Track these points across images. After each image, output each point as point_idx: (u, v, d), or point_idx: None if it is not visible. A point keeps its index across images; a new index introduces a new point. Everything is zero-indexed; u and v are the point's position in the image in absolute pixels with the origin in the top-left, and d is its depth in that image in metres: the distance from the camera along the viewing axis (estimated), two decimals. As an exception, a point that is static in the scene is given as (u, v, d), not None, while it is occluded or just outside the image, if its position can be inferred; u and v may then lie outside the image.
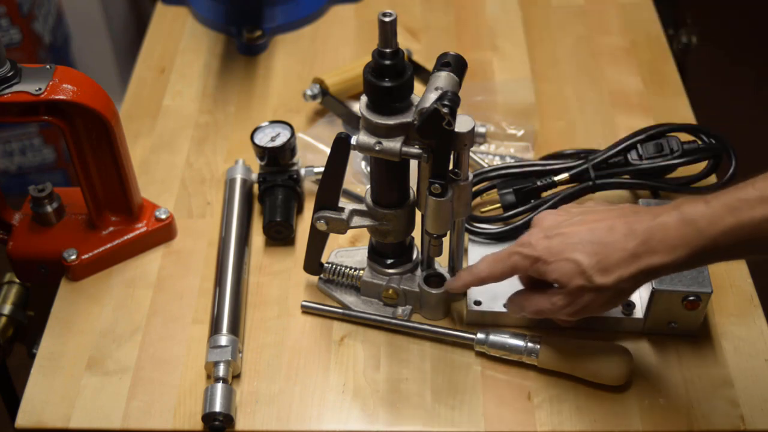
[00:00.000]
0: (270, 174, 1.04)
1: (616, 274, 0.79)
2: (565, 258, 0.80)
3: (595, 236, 0.80)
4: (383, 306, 0.95)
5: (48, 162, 2.14)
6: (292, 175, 1.04)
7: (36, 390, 0.90)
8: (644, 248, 0.78)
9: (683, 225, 0.77)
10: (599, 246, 0.79)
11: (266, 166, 1.05)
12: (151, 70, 1.28)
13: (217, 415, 0.85)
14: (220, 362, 0.88)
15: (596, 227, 0.81)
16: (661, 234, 0.77)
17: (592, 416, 0.86)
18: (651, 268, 0.78)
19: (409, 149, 0.83)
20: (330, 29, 1.35)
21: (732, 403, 0.87)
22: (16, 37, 1.94)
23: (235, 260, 0.98)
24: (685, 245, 0.76)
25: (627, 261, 0.78)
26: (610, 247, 0.79)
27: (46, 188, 1.00)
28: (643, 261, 0.78)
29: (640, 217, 0.79)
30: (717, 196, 0.76)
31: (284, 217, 1.01)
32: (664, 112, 1.18)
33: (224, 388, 0.86)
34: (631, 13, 1.35)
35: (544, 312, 0.85)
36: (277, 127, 1.05)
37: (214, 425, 0.85)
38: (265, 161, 1.04)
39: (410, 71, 0.82)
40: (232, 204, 1.04)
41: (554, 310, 0.84)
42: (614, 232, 0.79)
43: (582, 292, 0.80)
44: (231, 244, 1.00)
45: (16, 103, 0.89)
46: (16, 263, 1.01)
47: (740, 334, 0.93)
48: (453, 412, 0.87)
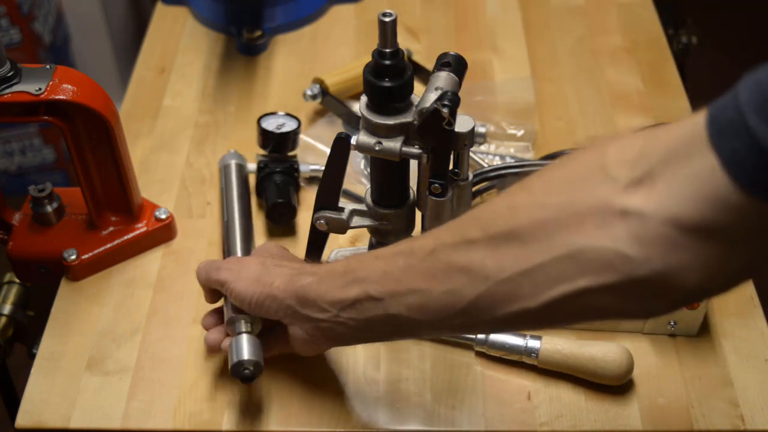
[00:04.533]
0: (271, 162, 1.05)
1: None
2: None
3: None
4: (383, 306, 0.95)
5: (48, 162, 2.14)
6: (293, 165, 1.05)
7: (36, 390, 0.90)
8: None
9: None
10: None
11: (268, 154, 1.06)
12: (151, 70, 1.28)
13: (246, 364, 0.83)
14: (240, 318, 0.85)
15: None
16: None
17: (592, 416, 0.86)
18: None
19: (409, 149, 0.83)
20: (330, 29, 1.35)
21: (732, 403, 0.87)
22: (16, 37, 1.94)
23: (243, 231, 0.99)
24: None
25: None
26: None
27: (46, 188, 1.00)
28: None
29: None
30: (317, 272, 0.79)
31: (287, 198, 1.02)
32: (664, 112, 1.18)
33: (249, 337, 0.84)
34: (631, 13, 1.35)
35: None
36: (283, 118, 1.06)
37: (244, 374, 0.83)
38: (269, 148, 1.05)
39: (410, 71, 0.82)
40: (231, 187, 1.04)
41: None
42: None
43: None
44: (236, 221, 1.00)
45: (16, 103, 0.89)
46: (16, 263, 1.01)
47: (740, 334, 0.93)
48: (453, 412, 0.87)
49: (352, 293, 0.74)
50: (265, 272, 0.82)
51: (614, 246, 0.58)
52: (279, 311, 0.80)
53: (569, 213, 0.61)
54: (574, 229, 0.60)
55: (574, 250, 0.60)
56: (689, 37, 1.42)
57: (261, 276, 0.82)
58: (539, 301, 0.63)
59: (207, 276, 0.87)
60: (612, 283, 0.59)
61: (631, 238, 0.58)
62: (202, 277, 0.88)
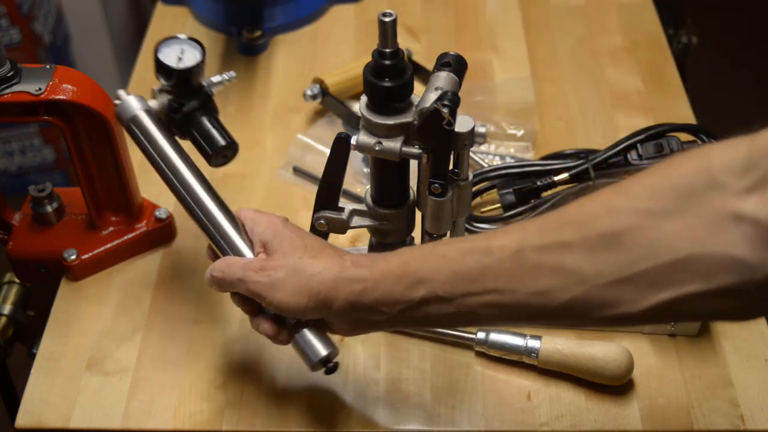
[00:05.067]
0: (181, 97, 0.90)
1: None
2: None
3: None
4: (383, 306, 0.95)
5: (48, 162, 2.14)
6: (207, 93, 0.92)
7: (36, 390, 0.90)
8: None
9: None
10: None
11: (173, 90, 0.91)
12: (151, 70, 1.27)
13: (330, 357, 0.79)
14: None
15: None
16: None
17: (592, 416, 0.86)
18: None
19: (409, 149, 0.83)
20: (330, 29, 1.35)
21: (732, 403, 0.87)
22: (16, 37, 1.93)
23: (222, 211, 0.87)
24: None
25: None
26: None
27: (46, 188, 1.00)
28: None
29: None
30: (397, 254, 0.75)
31: (229, 139, 0.90)
32: (664, 112, 1.18)
33: (311, 329, 0.79)
34: (631, 13, 1.35)
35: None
36: (182, 44, 0.91)
37: (329, 368, 0.79)
38: (172, 82, 0.90)
39: (410, 71, 0.82)
40: (164, 151, 0.88)
41: None
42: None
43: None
44: (204, 199, 0.87)
45: (16, 103, 0.89)
46: (16, 263, 1.01)
47: (740, 334, 0.93)
48: (453, 412, 0.87)
49: (418, 295, 0.71)
50: (304, 278, 0.75)
51: (729, 251, 0.59)
52: (330, 317, 0.77)
53: (677, 219, 0.61)
54: (683, 235, 0.60)
55: (684, 256, 0.60)
56: (689, 37, 1.42)
57: (301, 284, 0.75)
58: (641, 306, 0.62)
59: (231, 288, 0.80)
60: (725, 287, 0.60)
61: (746, 243, 0.58)
62: (221, 288, 0.81)
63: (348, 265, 0.75)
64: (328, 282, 0.74)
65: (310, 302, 0.75)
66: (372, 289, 0.73)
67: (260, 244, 0.81)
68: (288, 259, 0.77)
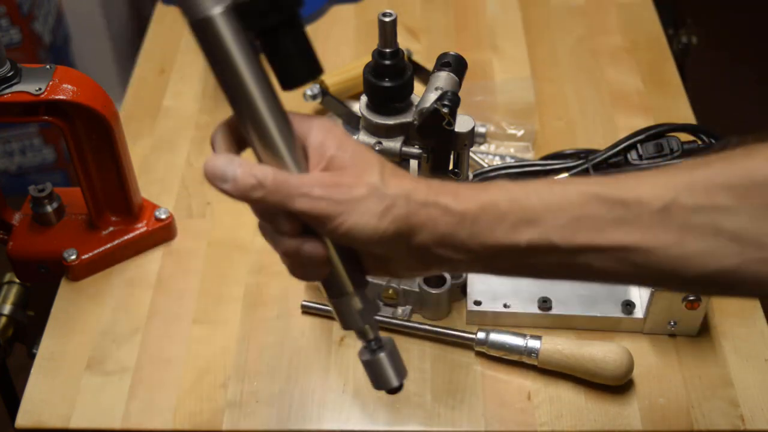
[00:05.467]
0: (264, 9, 0.68)
1: None
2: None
3: None
4: (383, 306, 0.95)
5: (48, 162, 2.14)
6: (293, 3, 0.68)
7: (36, 390, 0.90)
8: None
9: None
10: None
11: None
12: (151, 70, 1.28)
13: (400, 385, 0.69)
14: (373, 340, 0.69)
15: None
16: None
17: (592, 416, 0.86)
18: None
19: (409, 149, 0.83)
20: (330, 29, 1.35)
21: (732, 403, 0.87)
22: (16, 37, 1.93)
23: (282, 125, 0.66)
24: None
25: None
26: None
27: (46, 188, 1.00)
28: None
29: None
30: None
31: (316, 70, 0.70)
32: (664, 112, 1.18)
33: (386, 353, 0.68)
34: (631, 13, 1.35)
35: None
36: None
37: (393, 389, 0.69)
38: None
39: (410, 71, 0.82)
40: (238, 65, 0.68)
41: None
42: None
43: None
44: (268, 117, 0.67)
45: (16, 103, 0.89)
46: (16, 263, 1.01)
47: (740, 334, 0.93)
48: (453, 412, 0.87)
49: (524, 238, 0.61)
50: (388, 199, 0.62)
51: None
52: (403, 251, 0.64)
53: None
54: None
55: None
56: (689, 37, 1.42)
57: (383, 206, 0.62)
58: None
59: (280, 203, 0.62)
60: None
61: None
62: (261, 202, 0.62)
63: (440, 190, 0.63)
64: (415, 207, 0.62)
65: (390, 228, 0.62)
66: (469, 223, 0.62)
67: (322, 158, 0.64)
68: (365, 177, 0.62)
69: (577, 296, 0.94)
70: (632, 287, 0.94)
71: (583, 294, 0.94)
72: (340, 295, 0.66)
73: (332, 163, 0.63)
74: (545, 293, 0.94)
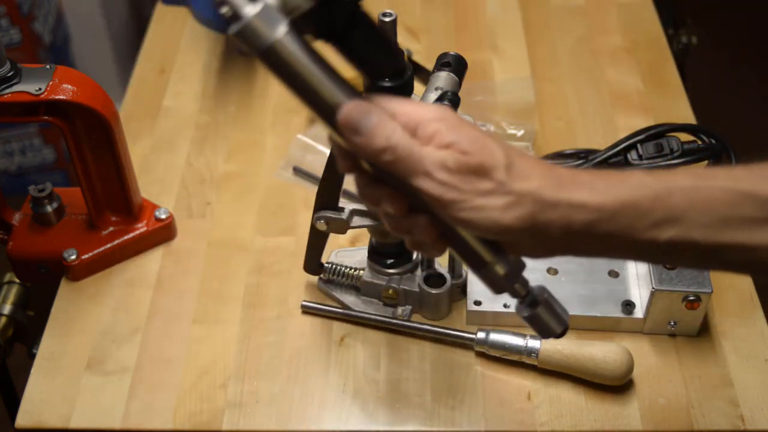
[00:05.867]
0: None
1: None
2: None
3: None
4: (383, 306, 0.95)
5: (48, 162, 2.14)
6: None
7: (36, 390, 0.90)
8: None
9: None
10: None
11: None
12: (151, 70, 1.28)
13: (562, 333, 0.68)
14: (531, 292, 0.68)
15: None
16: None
17: (592, 416, 0.86)
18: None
19: (409, 149, 0.83)
20: (330, 29, 1.35)
21: (732, 403, 0.87)
22: (16, 37, 1.93)
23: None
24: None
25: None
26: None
27: (46, 188, 1.00)
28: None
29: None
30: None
31: (396, 59, 0.69)
32: (664, 112, 1.18)
33: (542, 306, 0.68)
34: (631, 13, 1.35)
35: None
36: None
37: (558, 335, 0.69)
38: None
39: (410, 71, 0.82)
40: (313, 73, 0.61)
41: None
42: None
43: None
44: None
45: (16, 103, 0.89)
46: (16, 263, 1.01)
47: (740, 334, 0.93)
48: (453, 412, 0.87)
49: (665, 235, 0.60)
50: (515, 195, 0.60)
51: None
52: (534, 242, 0.62)
53: None
54: None
55: None
56: (689, 37, 1.42)
57: (511, 201, 0.59)
58: None
59: (404, 174, 0.60)
60: None
61: None
62: (394, 168, 0.60)
63: (572, 185, 0.61)
64: (543, 206, 0.60)
65: (513, 225, 0.60)
66: (606, 221, 0.60)
67: (436, 144, 0.61)
68: (491, 171, 0.60)
69: (577, 296, 0.94)
70: (632, 287, 0.94)
71: (583, 294, 0.94)
72: (482, 266, 0.65)
73: (452, 147, 0.60)
74: (545, 293, 0.94)
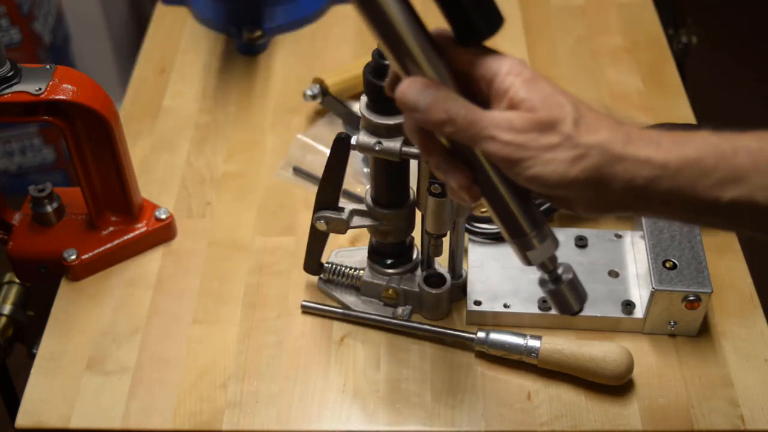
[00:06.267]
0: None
1: None
2: None
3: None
4: (383, 306, 0.95)
5: (48, 162, 2.14)
6: None
7: (36, 390, 0.90)
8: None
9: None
10: None
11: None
12: (151, 70, 1.28)
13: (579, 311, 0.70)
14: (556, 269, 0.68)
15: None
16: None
17: (592, 416, 0.86)
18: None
19: (409, 149, 0.83)
20: (330, 29, 1.35)
21: (732, 403, 0.87)
22: (16, 37, 1.94)
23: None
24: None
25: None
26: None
27: (46, 188, 1.00)
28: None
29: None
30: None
31: (496, 23, 0.66)
32: (664, 112, 1.18)
33: (566, 284, 0.68)
34: (631, 13, 1.35)
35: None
36: None
37: (575, 313, 0.70)
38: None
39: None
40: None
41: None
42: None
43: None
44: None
45: (16, 103, 0.89)
46: (16, 263, 1.01)
47: (740, 334, 0.93)
48: (453, 412, 0.87)
49: (727, 195, 0.59)
50: (581, 149, 0.60)
51: None
52: (597, 197, 0.61)
53: None
54: None
55: None
56: (689, 37, 1.42)
57: (575, 155, 0.60)
58: None
59: (470, 142, 0.62)
60: None
61: None
62: (458, 137, 0.62)
63: (640, 140, 0.61)
64: (610, 158, 0.60)
65: (580, 177, 0.60)
66: (669, 177, 0.60)
67: (511, 99, 0.62)
68: (558, 124, 0.61)
69: (577, 296, 0.94)
70: (632, 287, 0.94)
71: (583, 294, 0.94)
72: (520, 236, 0.67)
73: (522, 105, 0.61)
74: (545, 293, 0.94)
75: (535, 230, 0.66)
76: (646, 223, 0.94)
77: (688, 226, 0.94)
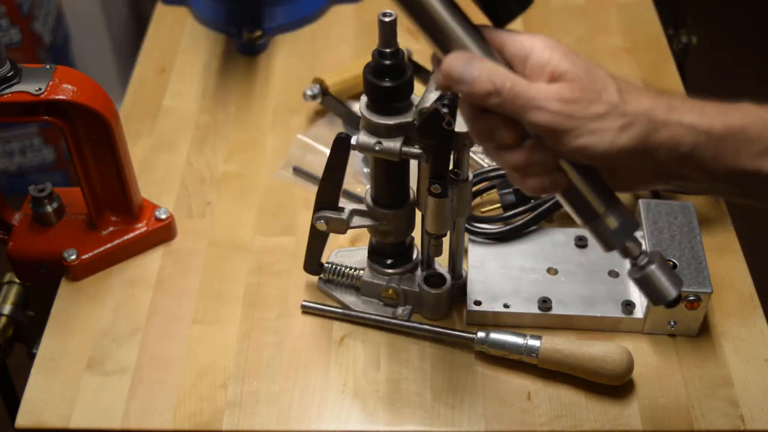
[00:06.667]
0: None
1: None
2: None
3: None
4: (383, 306, 0.95)
5: (48, 162, 2.14)
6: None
7: (36, 390, 0.90)
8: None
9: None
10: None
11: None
12: (151, 70, 1.28)
13: (676, 299, 0.69)
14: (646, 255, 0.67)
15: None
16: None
17: (592, 416, 0.86)
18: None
19: (409, 149, 0.83)
20: (330, 29, 1.35)
21: (732, 403, 0.87)
22: (16, 37, 1.94)
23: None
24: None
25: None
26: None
27: (46, 188, 1.00)
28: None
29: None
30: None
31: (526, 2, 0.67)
32: (664, 112, 1.18)
33: (656, 266, 0.67)
34: (631, 13, 1.35)
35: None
36: None
37: (672, 302, 0.69)
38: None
39: (410, 71, 0.82)
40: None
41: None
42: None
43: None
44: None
45: (16, 103, 0.89)
46: (16, 263, 1.01)
47: (740, 334, 0.93)
48: (453, 412, 0.87)
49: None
50: (628, 117, 0.61)
51: None
52: (644, 166, 0.62)
53: None
54: None
55: None
56: (689, 37, 1.42)
57: (623, 123, 0.60)
58: None
59: (518, 113, 0.62)
60: None
61: None
62: (505, 108, 0.62)
63: (683, 107, 0.62)
64: (655, 125, 0.61)
65: (628, 145, 0.60)
66: (714, 145, 0.60)
67: (551, 73, 0.63)
68: (603, 94, 0.61)
69: (577, 296, 0.94)
70: (632, 287, 0.94)
71: (583, 294, 0.94)
72: (594, 217, 0.65)
73: (565, 76, 0.62)
74: (545, 293, 0.94)
75: (608, 209, 0.64)
76: (646, 223, 0.94)
77: (689, 226, 0.94)
